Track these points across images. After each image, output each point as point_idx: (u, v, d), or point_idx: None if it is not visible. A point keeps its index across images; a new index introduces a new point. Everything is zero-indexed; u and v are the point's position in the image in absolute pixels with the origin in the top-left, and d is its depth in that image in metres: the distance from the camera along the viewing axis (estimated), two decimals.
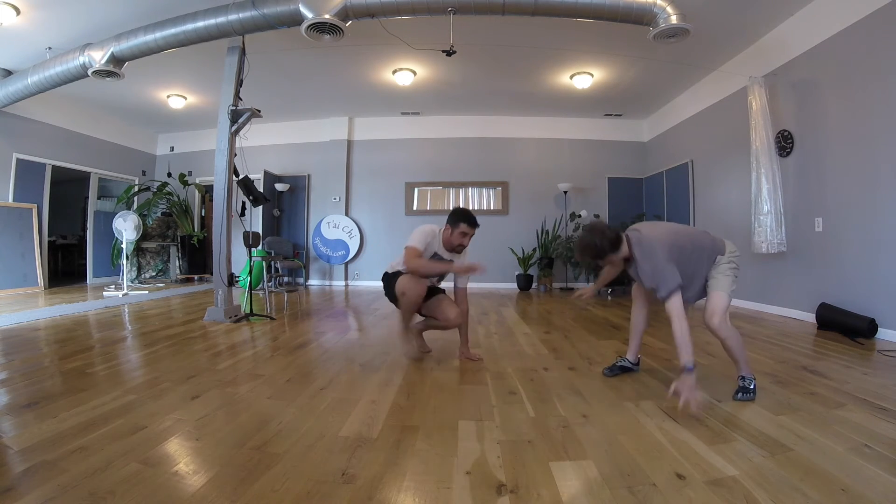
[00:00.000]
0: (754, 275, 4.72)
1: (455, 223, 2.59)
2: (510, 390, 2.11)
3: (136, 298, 5.46)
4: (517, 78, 5.94)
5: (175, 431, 1.61)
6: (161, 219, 7.84)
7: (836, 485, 1.24)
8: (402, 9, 3.63)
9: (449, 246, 2.63)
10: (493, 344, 3.15)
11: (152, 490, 1.21)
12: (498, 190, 7.72)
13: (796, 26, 4.17)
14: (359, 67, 5.65)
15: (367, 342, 3.27)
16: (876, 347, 2.98)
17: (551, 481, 1.28)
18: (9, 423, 1.66)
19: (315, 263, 7.83)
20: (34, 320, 3.90)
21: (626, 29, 3.85)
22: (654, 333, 3.47)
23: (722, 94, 5.35)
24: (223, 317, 3.94)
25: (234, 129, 4.13)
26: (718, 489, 1.22)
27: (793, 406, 1.87)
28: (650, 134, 7.46)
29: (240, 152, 4.28)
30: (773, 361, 2.61)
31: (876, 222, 3.40)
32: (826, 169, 3.86)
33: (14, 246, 5.96)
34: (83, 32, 4.44)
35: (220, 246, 4.08)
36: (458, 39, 4.07)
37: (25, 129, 6.19)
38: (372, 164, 7.79)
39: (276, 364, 2.58)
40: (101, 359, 2.64)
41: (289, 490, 1.23)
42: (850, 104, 3.63)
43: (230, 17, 3.82)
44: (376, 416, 1.79)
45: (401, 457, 1.43)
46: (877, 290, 3.35)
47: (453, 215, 2.63)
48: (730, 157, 5.18)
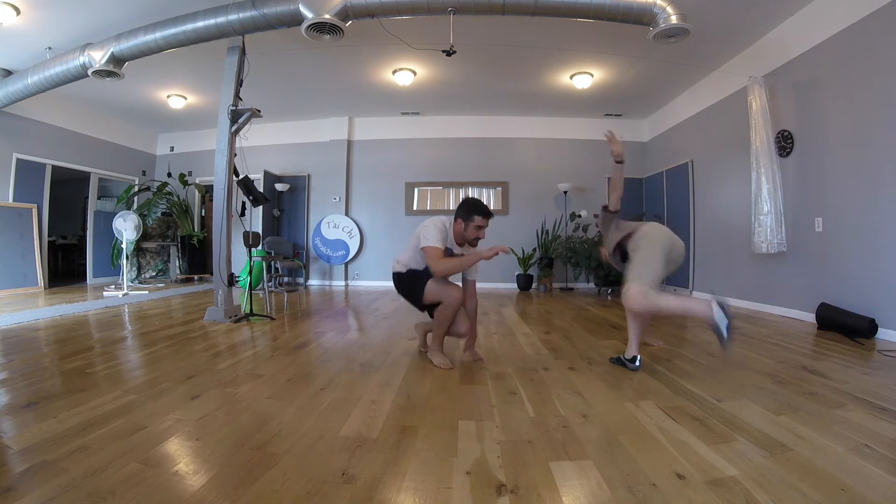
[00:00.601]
0: (754, 275, 4.72)
1: (468, 216, 2.45)
2: (510, 390, 2.11)
3: (136, 298, 5.46)
4: (517, 78, 5.94)
5: (175, 431, 1.61)
6: (161, 219, 7.84)
7: (836, 485, 1.24)
8: (402, 9, 3.63)
9: (461, 241, 2.52)
10: (493, 344, 3.15)
11: (152, 490, 1.21)
12: (498, 190, 7.72)
13: (796, 26, 4.17)
14: (359, 67, 5.65)
15: (367, 342, 3.27)
16: (876, 347, 2.98)
17: (551, 481, 1.28)
18: (9, 423, 1.66)
19: (315, 263, 7.83)
20: (34, 320, 3.89)
21: (626, 29, 3.85)
22: (654, 333, 3.47)
23: (722, 94, 5.35)
24: (223, 317, 3.94)
25: (234, 129, 4.13)
26: (718, 489, 1.22)
27: (793, 406, 1.87)
28: (650, 134, 7.46)
29: (240, 152, 4.28)
30: (773, 361, 2.61)
31: (876, 222, 3.40)
32: (826, 169, 3.86)
33: (14, 246, 5.97)
34: (83, 32, 4.44)
35: (220, 246, 4.08)
36: (458, 39, 4.07)
37: (25, 129, 6.20)
38: (372, 164, 7.79)
39: (276, 364, 2.58)
40: (101, 359, 2.64)
41: (289, 490, 1.23)
42: (850, 104, 3.63)
43: (230, 17, 3.83)
44: (376, 416, 1.79)
45: (401, 457, 1.43)
46: (877, 290, 3.35)
47: (465, 208, 2.47)
48: (730, 157, 5.18)
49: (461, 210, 2.49)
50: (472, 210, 2.45)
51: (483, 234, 2.49)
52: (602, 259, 3.09)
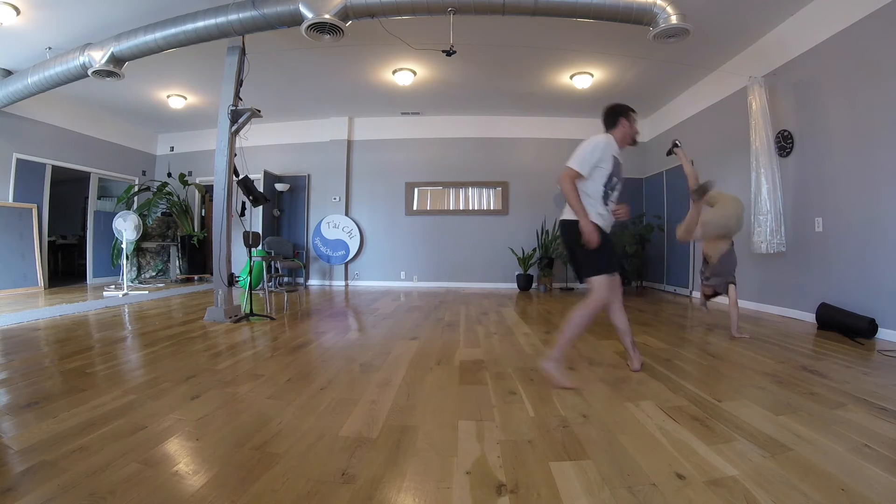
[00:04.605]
0: (754, 275, 4.72)
1: (626, 114, 2.34)
2: (510, 390, 2.11)
3: (136, 298, 5.46)
4: (517, 78, 5.94)
5: (175, 431, 1.61)
6: (161, 219, 7.84)
7: (836, 485, 1.24)
8: (402, 9, 3.63)
9: (631, 140, 2.37)
10: (493, 344, 3.15)
11: (152, 490, 1.21)
12: (498, 190, 7.72)
13: (796, 26, 4.17)
14: (359, 67, 5.65)
15: (367, 342, 3.27)
16: (876, 347, 2.98)
17: (551, 481, 1.28)
18: (9, 423, 1.66)
19: (315, 263, 7.82)
20: (34, 320, 3.89)
21: (627, 29, 3.84)
22: (654, 333, 3.47)
23: (722, 94, 5.35)
24: (223, 317, 3.94)
25: (234, 129, 4.13)
26: (718, 489, 1.22)
27: (793, 406, 1.87)
28: (650, 134, 7.45)
29: (240, 152, 4.28)
30: (773, 361, 2.61)
31: (876, 222, 3.39)
32: (826, 169, 3.86)
33: (14, 246, 5.96)
34: (83, 32, 4.44)
35: (220, 246, 4.08)
36: (458, 39, 4.07)
37: (25, 129, 6.19)
38: (372, 164, 7.79)
39: (276, 364, 2.58)
40: (101, 359, 2.64)
41: (289, 490, 1.23)
42: (850, 104, 3.63)
43: (230, 17, 3.82)
44: (376, 416, 1.79)
45: (401, 457, 1.43)
46: (877, 290, 3.35)
47: (619, 109, 2.36)
48: (730, 157, 5.18)
49: (618, 113, 2.36)
50: (626, 108, 2.37)
51: None
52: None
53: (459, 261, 7.57)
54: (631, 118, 2.37)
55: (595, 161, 2.20)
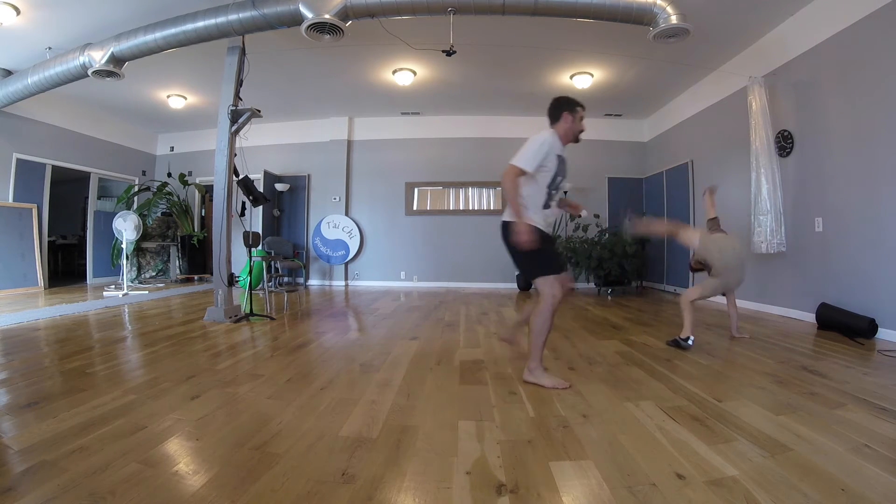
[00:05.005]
0: (754, 275, 4.72)
1: (572, 109, 2.28)
2: (510, 390, 2.11)
3: (136, 298, 5.46)
4: (517, 78, 5.93)
5: (175, 431, 1.61)
6: (161, 219, 7.84)
7: (836, 485, 1.24)
8: (402, 9, 3.63)
9: (573, 137, 2.33)
10: (493, 344, 3.15)
11: (152, 490, 1.21)
12: (498, 190, 7.71)
13: (796, 26, 4.17)
14: (359, 67, 5.65)
15: (367, 342, 3.27)
16: (876, 347, 2.98)
17: (551, 481, 1.28)
18: (9, 423, 1.66)
19: (315, 263, 7.82)
20: (34, 320, 3.89)
21: (626, 29, 3.84)
22: (654, 333, 3.48)
23: (722, 94, 5.35)
24: (223, 317, 3.93)
25: (234, 129, 4.13)
26: (718, 489, 1.22)
27: (793, 406, 1.87)
28: (650, 134, 7.46)
29: (240, 152, 4.28)
30: (773, 361, 2.61)
31: (876, 222, 3.39)
32: (826, 169, 3.86)
33: (14, 246, 5.96)
34: (83, 32, 4.44)
35: (220, 246, 4.07)
36: (458, 39, 4.07)
37: (25, 129, 6.19)
38: (372, 164, 7.79)
39: (276, 364, 2.58)
40: (101, 359, 2.64)
41: (289, 490, 1.23)
42: (850, 104, 3.63)
43: (230, 17, 3.82)
44: (376, 416, 1.79)
45: (401, 457, 1.43)
46: (877, 290, 3.35)
47: (563, 103, 2.30)
48: (730, 157, 5.18)
49: (561, 107, 2.30)
50: (572, 102, 2.30)
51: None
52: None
53: (459, 261, 7.57)
54: (576, 113, 2.29)
55: (541, 158, 2.13)
